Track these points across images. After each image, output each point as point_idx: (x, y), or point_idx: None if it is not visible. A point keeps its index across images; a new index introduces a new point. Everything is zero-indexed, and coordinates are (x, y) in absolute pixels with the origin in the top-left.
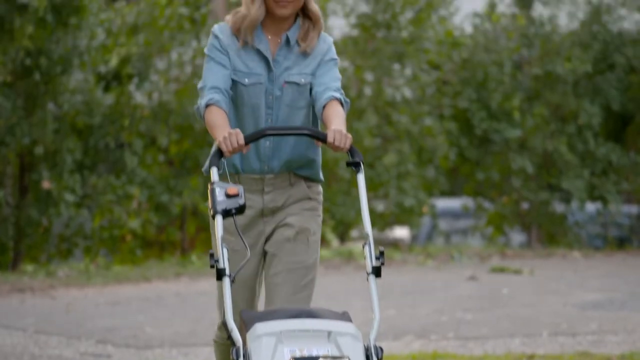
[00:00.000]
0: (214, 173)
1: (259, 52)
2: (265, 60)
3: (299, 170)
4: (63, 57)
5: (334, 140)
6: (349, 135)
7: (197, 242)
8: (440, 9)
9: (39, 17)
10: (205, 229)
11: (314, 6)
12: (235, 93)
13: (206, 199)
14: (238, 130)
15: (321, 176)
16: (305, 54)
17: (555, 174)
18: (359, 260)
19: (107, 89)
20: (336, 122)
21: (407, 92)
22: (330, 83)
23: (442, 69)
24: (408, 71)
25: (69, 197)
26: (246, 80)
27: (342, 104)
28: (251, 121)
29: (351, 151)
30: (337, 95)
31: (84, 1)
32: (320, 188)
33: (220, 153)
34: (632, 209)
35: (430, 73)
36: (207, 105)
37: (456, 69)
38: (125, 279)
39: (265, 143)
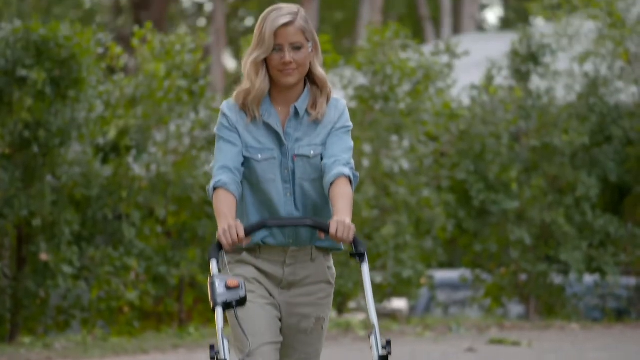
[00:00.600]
0: (214, 266)
1: (269, 126)
2: (276, 133)
3: (320, 242)
4: (62, 129)
5: (336, 232)
6: (352, 226)
7: (195, 314)
8: (437, 81)
9: (37, 89)
10: (203, 300)
11: (320, 71)
12: (250, 170)
13: (204, 270)
14: (238, 222)
15: (342, 245)
16: (316, 122)
17: (553, 245)
18: (357, 331)
19: (105, 160)
20: (341, 206)
21: (405, 164)
22: (340, 155)
23: (439, 141)
24: (406, 143)
25: (67, 269)
26: (259, 156)
27: (350, 181)
28: (270, 197)
29: (354, 242)
30: (346, 171)
31: (83, 74)
32: (334, 270)
33: (220, 245)
34: (630, 280)
35: (428, 145)
36: (215, 188)
37: (454, 141)
38: (123, 351)
39: None
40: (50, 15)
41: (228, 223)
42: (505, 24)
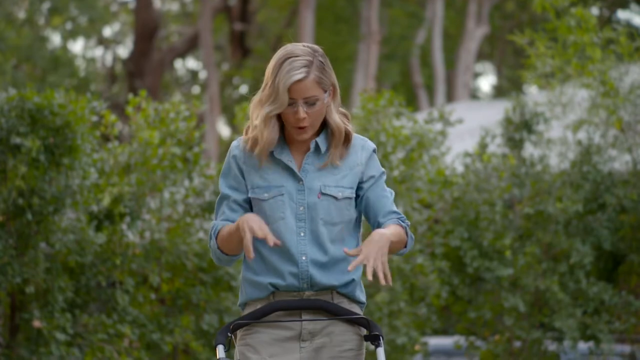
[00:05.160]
0: (220, 351)
1: (281, 162)
2: (289, 169)
3: (342, 288)
4: (55, 196)
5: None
6: (384, 262)
7: None
8: (431, 148)
9: (32, 157)
10: None
11: (335, 119)
12: (258, 211)
13: (198, 337)
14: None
15: (361, 297)
16: (333, 164)
17: (547, 312)
18: None
19: (99, 228)
20: (390, 230)
21: None
22: (392, 207)
23: (433, 208)
24: (400, 210)
25: (60, 336)
26: (265, 195)
27: (407, 233)
28: (281, 237)
29: (369, 324)
30: (406, 228)
31: (77, 142)
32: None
33: (227, 330)
34: (625, 348)
35: (422, 212)
36: (216, 238)
37: (447, 208)
38: None
39: (301, 258)
40: (44, 84)
41: (247, 225)
42: (499, 92)
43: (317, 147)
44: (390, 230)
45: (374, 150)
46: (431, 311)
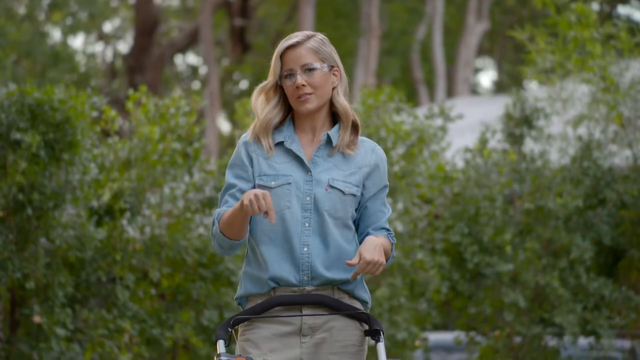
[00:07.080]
0: (221, 346)
1: (290, 152)
2: (299, 159)
3: (344, 285)
4: (56, 192)
5: (363, 270)
6: (382, 262)
7: None
8: (431, 144)
9: (32, 153)
10: None
11: (341, 100)
12: None
13: (198, 332)
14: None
15: (363, 295)
16: (344, 154)
17: (547, 308)
18: None
19: (99, 223)
20: (371, 240)
21: (399, 226)
22: (385, 224)
23: (433, 204)
24: (400, 205)
25: (60, 332)
26: (272, 183)
27: (391, 243)
28: (285, 225)
29: (369, 319)
30: (390, 239)
31: (77, 137)
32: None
33: (227, 325)
34: (625, 343)
35: (422, 207)
36: (219, 222)
37: (448, 204)
38: None
39: (303, 249)
40: (44, 79)
41: (251, 193)
42: (499, 87)
43: (328, 139)
44: (380, 240)
45: (383, 159)
46: (431, 307)
